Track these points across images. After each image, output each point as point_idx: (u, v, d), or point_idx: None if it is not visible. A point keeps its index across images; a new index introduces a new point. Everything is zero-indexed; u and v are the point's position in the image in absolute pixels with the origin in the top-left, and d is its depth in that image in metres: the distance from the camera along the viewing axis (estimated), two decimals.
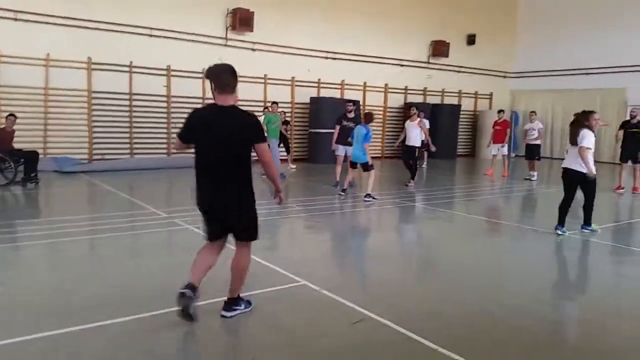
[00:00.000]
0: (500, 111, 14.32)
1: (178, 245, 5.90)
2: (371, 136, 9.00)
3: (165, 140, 13.79)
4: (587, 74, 18.81)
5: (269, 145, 4.62)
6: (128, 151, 13.33)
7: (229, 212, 3.46)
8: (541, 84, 20.50)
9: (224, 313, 3.59)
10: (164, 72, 13.59)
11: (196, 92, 13.66)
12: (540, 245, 6.30)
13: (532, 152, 12.98)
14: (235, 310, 3.62)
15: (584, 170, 6.25)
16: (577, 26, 19.13)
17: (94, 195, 9.46)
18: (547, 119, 19.54)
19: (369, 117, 9.18)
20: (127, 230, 6.53)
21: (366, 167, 8.96)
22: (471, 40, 19.97)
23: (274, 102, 12.44)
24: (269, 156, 3.47)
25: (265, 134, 4.19)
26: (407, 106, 18.08)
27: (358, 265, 5.54)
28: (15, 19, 11.54)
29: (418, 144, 11.00)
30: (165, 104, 13.71)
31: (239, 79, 3.51)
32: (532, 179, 12.65)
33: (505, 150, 13.77)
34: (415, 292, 4.46)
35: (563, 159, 6.92)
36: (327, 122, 15.47)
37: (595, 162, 6.70)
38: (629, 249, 6.30)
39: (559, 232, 6.54)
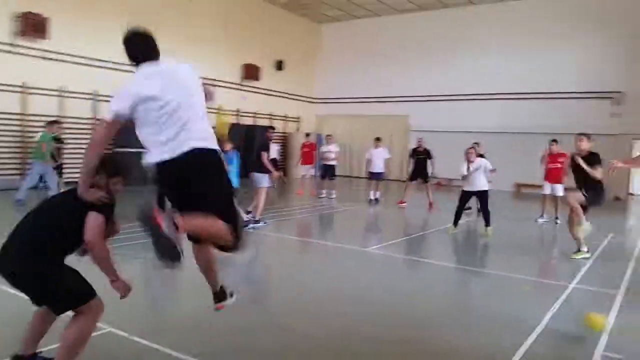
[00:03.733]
0: (307, 134, 15.39)
1: None
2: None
3: None
4: (377, 102, 21.50)
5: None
6: None
7: None
8: (340, 109, 22.68)
9: None
10: None
11: None
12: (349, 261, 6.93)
13: (327, 172, 13.95)
14: None
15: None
16: (370, 59, 21.80)
17: None
18: (346, 142, 21.65)
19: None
20: None
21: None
22: (279, 65, 21.06)
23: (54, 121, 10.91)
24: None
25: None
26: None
27: (170, 304, 5.27)
28: None
29: None
30: None
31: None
32: (331, 197, 13.58)
33: (313, 170, 14.78)
34: (238, 327, 4.41)
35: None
36: (131, 141, 14.48)
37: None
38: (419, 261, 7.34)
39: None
